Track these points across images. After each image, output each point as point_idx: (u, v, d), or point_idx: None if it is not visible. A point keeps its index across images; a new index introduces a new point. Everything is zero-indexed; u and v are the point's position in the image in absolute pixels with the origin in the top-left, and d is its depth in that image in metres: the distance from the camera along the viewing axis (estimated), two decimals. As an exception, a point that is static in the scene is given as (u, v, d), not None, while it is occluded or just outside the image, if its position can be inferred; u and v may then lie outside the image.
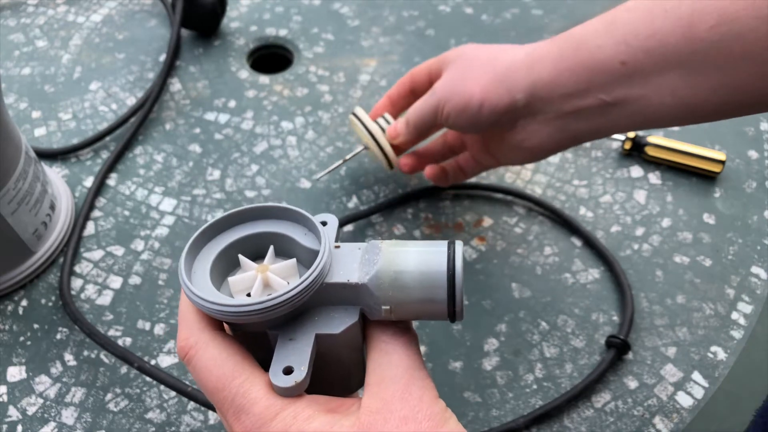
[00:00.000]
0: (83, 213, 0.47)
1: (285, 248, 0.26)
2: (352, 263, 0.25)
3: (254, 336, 0.25)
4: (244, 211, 0.26)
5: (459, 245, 0.24)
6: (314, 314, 0.24)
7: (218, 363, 0.24)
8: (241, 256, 0.26)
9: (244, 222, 0.27)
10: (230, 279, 0.25)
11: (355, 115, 0.46)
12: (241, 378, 0.23)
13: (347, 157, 0.48)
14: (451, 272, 0.24)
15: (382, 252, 0.24)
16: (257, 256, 0.27)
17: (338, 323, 0.24)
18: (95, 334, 0.40)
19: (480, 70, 0.38)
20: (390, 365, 0.24)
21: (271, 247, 0.26)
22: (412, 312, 0.24)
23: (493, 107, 0.37)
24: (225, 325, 0.26)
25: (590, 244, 0.46)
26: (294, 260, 0.26)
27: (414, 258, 0.24)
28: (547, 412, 0.38)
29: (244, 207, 0.26)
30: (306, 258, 0.26)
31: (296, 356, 0.23)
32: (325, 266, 0.24)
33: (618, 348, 0.40)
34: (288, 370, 0.23)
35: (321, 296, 0.24)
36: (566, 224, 0.47)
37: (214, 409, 0.38)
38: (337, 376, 0.26)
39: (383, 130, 0.45)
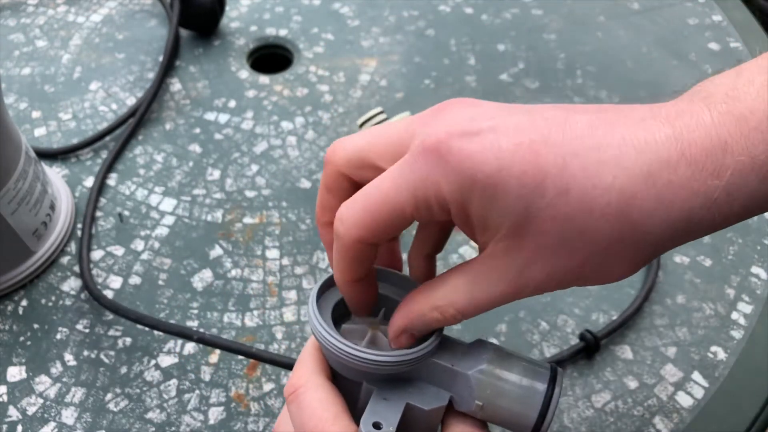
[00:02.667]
0: (89, 212, 0.47)
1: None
2: (459, 353, 0.26)
3: (349, 388, 0.27)
4: None
5: (561, 375, 0.25)
6: (409, 385, 0.26)
7: (324, 406, 0.25)
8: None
9: None
10: (345, 326, 0.27)
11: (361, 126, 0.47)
12: (339, 426, 0.24)
13: None
14: (547, 399, 0.25)
15: (491, 354, 0.26)
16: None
17: (429, 401, 0.25)
18: (143, 317, 0.40)
19: (624, 245, 0.21)
20: None
21: (383, 309, 0.28)
22: (499, 417, 0.25)
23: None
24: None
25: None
26: None
27: (519, 370, 0.25)
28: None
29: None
30: None
31: (387, 415, 0.24)
32: (440, 343, 0.26)
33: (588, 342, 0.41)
34: (377, 425, 0.24)
35: (421, 372, 0.26)
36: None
37: (287, 367, 0.39)
38: None
39: None
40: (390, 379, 0.26)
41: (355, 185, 0.25)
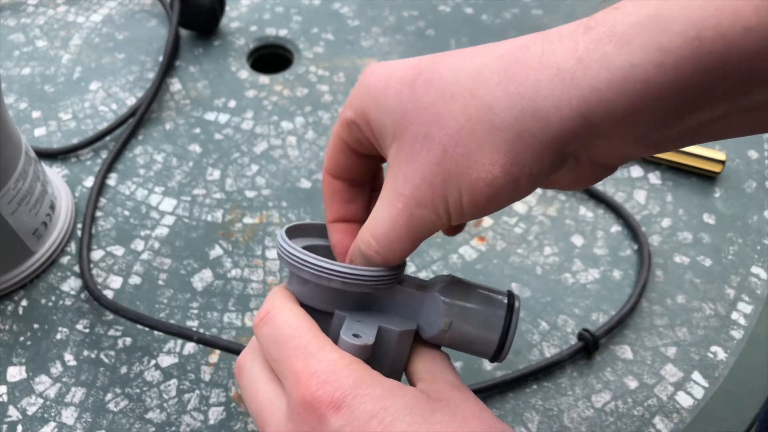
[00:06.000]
0: (90, 212, 0.47)
1: None
2: (422, 284, 0.28)
3: (318, 318, 0.27)
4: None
5: (518, 299, 0.27)
6: (379, 313, 0.27)
7: (297, 318, 0.25)
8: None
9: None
10: None
11: None
12: (316, 332, 0.24)
13: None
14: (507, 321, 0.26)
15: (453, 278, 0.27)
16: None
17: (399, 324, 0.26)
18: (143, 318, 0.41)
19: (473, 125, 0.21)
20: (442, 370, 0.26)
21: None
22: (464, 336, 0.26)
23: (535, 172, 0.21)
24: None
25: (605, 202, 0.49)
26: None
27: (480, 295, 0.27)
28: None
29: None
30: None
31: (365, 330, 0.25)
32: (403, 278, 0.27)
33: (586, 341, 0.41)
34: (357, 335, 0.25)
35: (389, 300, 0.27)
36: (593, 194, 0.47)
37: None
38: None
39: None
40: (360, 307, 0.26)
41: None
